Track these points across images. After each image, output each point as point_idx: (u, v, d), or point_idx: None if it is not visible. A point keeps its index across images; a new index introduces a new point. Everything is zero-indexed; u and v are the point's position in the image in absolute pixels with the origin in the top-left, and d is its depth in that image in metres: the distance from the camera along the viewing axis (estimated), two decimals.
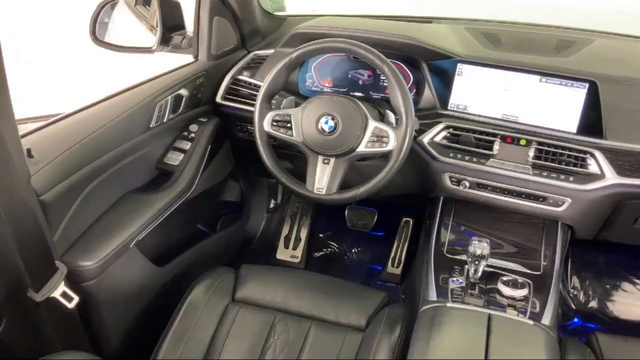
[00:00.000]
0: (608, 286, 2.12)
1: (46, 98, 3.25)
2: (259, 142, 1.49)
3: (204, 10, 1.68)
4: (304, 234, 2.35)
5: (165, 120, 1.60)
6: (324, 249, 2.38)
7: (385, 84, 1.65)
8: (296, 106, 1.50)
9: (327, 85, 1.73)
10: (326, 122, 1.42)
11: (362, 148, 1.42)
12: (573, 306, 2.08)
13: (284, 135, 1.48)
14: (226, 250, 2.08)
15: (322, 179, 1.46)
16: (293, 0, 2.18)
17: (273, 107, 1.54)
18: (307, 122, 1.45)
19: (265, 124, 1.48)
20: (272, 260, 2.30)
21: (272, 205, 2.36)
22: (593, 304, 2.08)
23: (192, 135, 1.68)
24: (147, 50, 1.74)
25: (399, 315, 1.37)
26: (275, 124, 1.48)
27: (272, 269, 1.63)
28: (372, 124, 1.42)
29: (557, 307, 1.35)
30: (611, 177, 1.41)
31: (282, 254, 2.32)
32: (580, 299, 2.09)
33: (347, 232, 2.37)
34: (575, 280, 2.12)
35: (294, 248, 2.33)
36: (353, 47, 1.42)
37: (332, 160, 1.45)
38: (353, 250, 2.37)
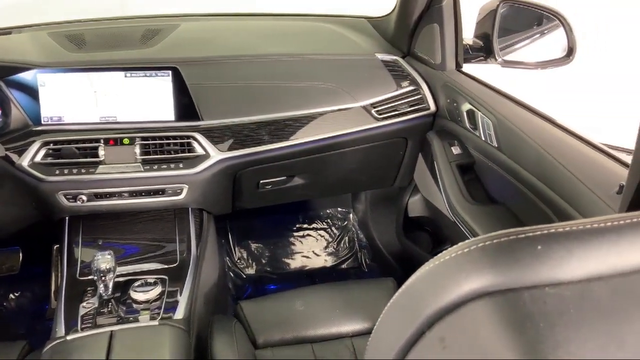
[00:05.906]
0: (271, 246, 2.29)
1: None
2: None
3: None
4: None
5: None
6: None
7: None
8: None
9: None
10: None
11: None
12: (244, 275, 2.18)
13: None
14: None
15: None
16: None
17: None
18: None
19: None
20: None
21: None
22: (261, 267, 2.23)
23: None
24: None
25: None
26: None
27: None
28: None
29: (194, 295, 1.35)
30: (215, 155, 1.48)
31: None
32: (249, 267, 2.22)
33: None
34: (240, 251, 2.24)
35: None
36: None
37: None
38: (9, 298, 2.07)
